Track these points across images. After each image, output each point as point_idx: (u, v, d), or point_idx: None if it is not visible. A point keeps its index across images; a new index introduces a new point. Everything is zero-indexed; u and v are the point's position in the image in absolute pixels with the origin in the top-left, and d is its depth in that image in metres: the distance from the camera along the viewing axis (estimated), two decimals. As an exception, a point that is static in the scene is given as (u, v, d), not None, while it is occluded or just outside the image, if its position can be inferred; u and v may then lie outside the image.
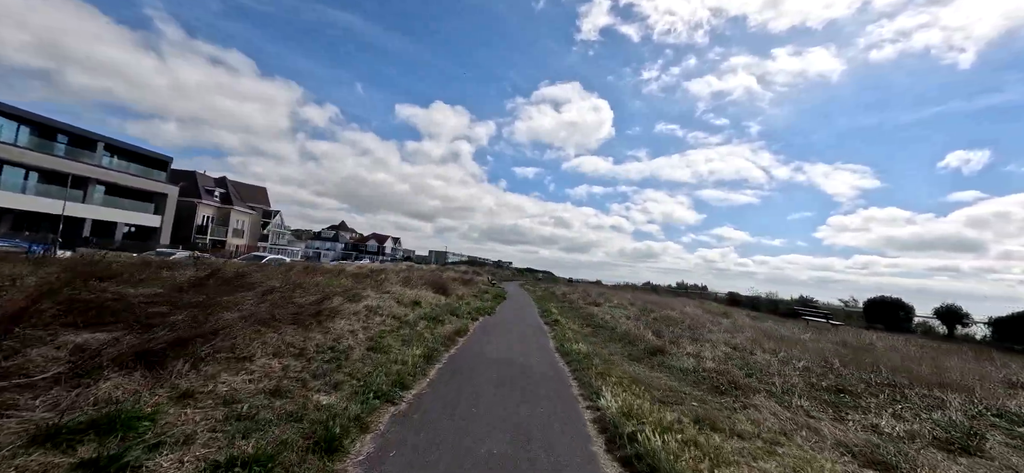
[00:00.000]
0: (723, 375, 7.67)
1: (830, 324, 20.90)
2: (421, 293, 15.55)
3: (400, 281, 17.51)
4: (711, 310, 23.78)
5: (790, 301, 32.34)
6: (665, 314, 19.31)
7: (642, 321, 16.47)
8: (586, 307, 21.36)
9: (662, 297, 34.70)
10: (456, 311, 13.99)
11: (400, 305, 11.90)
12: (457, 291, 20.80)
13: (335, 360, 6.15)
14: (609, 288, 45.35)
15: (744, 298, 38.08)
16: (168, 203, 43.21)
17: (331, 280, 12.81)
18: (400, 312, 11.11)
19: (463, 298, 19.61)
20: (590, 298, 25.87)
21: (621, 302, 23.79)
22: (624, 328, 13.64)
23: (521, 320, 15.57)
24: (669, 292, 46.46)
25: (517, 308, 20.11)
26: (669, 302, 27.36)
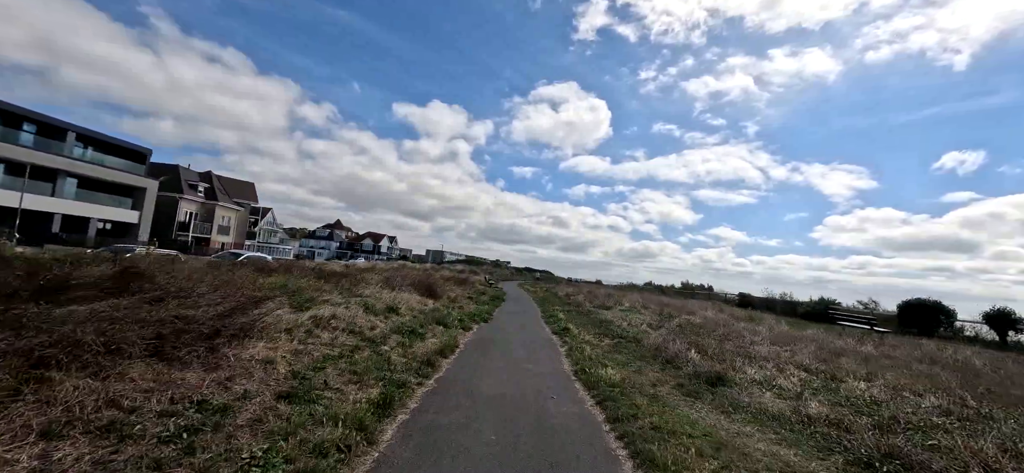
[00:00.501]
0: (843, 428, 4.87)
1: (875, 331, 18.10)
2: (402, 296, 12.67)
3: (380, 281, 14.64)
4: (735, 314, 20.98)
5: (809, 303, 29.55)
6: (686, 319, 16.53)
7: (666, 329, 13.68)
8: (595, 311, 18.53)
9: (672, 298, 31.90)
10: (444, 319, 11.11)
11: (368, 314, 9.00)
12: (449, 293, 17.92)
13: (191, 431, 3.28)
14: (612, 289, 42.57)
15: (756, 299, 35.31)
16: (147, 198, 40.14)
17: (279, 280, 9.91)
18: (366, 324, 8.22)
19: (455, 301, 16.74)
20: (597, 300, 23.04)
21: (633, 305, 20.97)
22: (653, 341, 10.80)
23: (523, 328, 12.71)
24: (675, 293, 43.70)
25: (518, 313, 17.26)
26: (683, 304, 24.55)
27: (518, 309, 18.47)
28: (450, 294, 17.79)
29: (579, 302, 22.34)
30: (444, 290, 17.43)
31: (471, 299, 19.18)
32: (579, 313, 18.18)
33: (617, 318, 16.04)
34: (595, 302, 21.69)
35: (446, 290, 18.05)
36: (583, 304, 21.17)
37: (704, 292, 46.21)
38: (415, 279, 16.30)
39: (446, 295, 16.51)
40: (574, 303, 22.21)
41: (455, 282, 24.48)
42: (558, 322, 14.26)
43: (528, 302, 22.92)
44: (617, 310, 19.00)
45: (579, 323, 14.68)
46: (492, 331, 11.55)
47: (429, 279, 17.92)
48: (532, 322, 14.48)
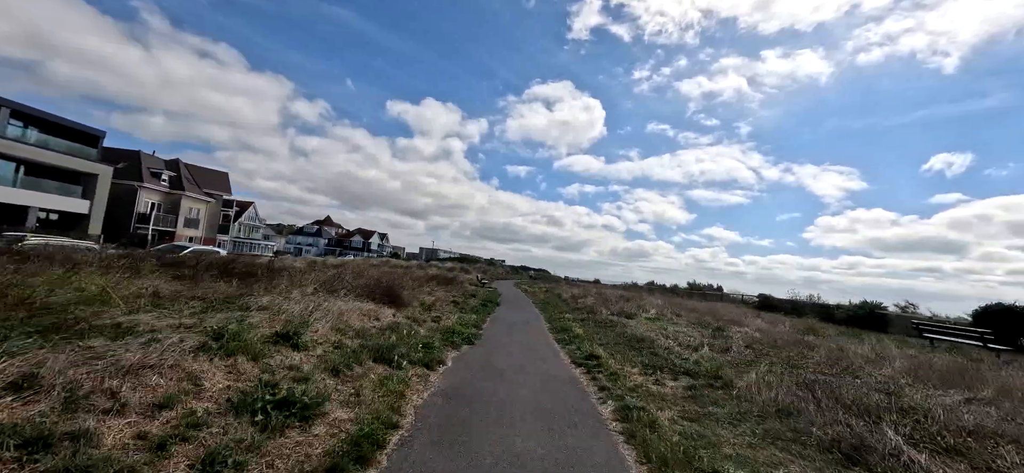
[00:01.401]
0: None
1: (988, 348, 13.48)
2: (338, 307, 7.88)
3: (318, 284, 9.87)
4: (796, 327, 16.37)
5: (850, 308, 24.96)
6: (744, 334, 11.96)
7: (736, 352, 9.06)
8: (617, 320, 13.83)
9: (686, 300, 27.33)
10: (393, 349, 6.28)
11: (207, 359, 4.22)
12: (424, 298, 13.15)
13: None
14: (620, 290, 37.97)
15: (780, 301, 30.84)
16: (98, 185, 34.96)
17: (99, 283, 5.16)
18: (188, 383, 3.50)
19: (432, 309, 11.98)
20: (611, 304, 18.39)
21: (660, 311, 16.34)
22: (754, 387, 6.13)
23: (529, 354, 7.96)
24: (684, 293, 39.13)
25: (517, 324, 12.53)
26: (711, 308, 19.98)
27: (517, 319, 13.75)
28: (426, 299, 13.03)
29: (591, 307, 17.64)
30: (416, 294, 12.62)
31: (456, 304, 14.43)
32: (597, 324, 13.47)
33: (651, 332, 11.38)
34: (612, 307, 17.01)
35: (419, 294, 13.27)
36: (597, 310, 16.48)
37: (714, 292, 41.70)
38: (371, 281, 11.45)
39: (418, 301, 11.72)
40: (585, 308, 17.51)
41: (438, 282, 19.69)
42: (576, 341, 9.57)
43: (528, 307, 18.20)
44: (643, 319, 14.37)
45: (606, 342, 9.99)
46: (478, 364, 6.83)
47: (393, 279, 13.09)
48: (539, 341, 9.76)
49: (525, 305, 18.72)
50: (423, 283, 18.60)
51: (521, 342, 9.35)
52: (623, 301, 19.59)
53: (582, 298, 21.72)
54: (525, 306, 18.27)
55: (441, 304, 13.42)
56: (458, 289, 19.84)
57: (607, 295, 21.96)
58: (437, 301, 13.47)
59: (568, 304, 19.80)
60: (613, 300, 20.11)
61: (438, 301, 13.80)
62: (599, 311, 15.88)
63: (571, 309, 17.59)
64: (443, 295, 15.40)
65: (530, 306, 18.50)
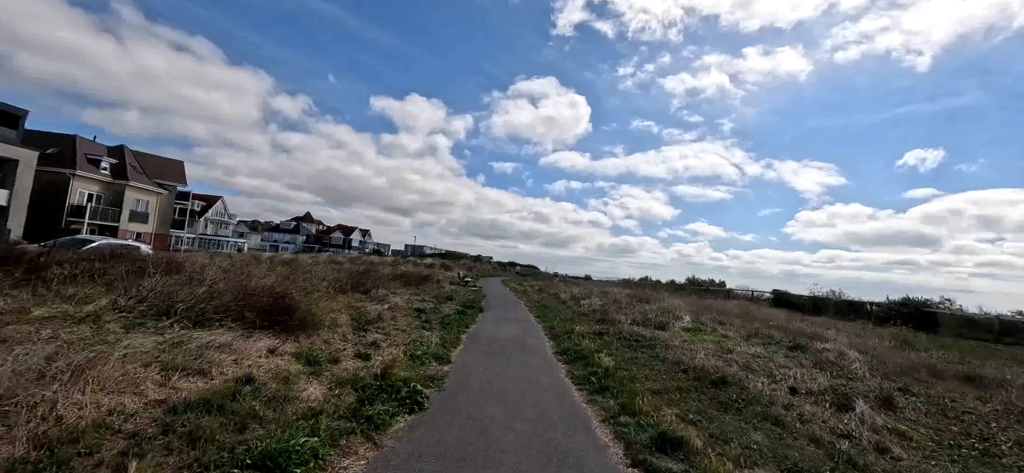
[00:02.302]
0: None
1: None
2: (145, 345, 3.38)
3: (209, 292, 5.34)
4: (880, 335, 12.32)
5: (887, 305, 21.25)
6: (827, 348, 7.87)
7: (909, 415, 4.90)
8: (648, 336, 9.51)
9: (708, 299, 23.27)
10: None
11: None
12: (369, 307, 8.65)
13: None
14: (616, 286, 33.89)
15: (799, 298, 27.06)
16: (20, 173, 29.48)
17: None
18: None
19: (375, 325, 7.48)
20: (625, 308, 14.15)
21: (696, 319, 12.11)
22: None
23: (538, 433, 3.64)
24: (686, 290, 35.16)
25: (509, 348, 8.02)
26: (748, 312, 15.93)
27: (507, 335, 9.34)
28: (370, 310, 8.54)
29: (602, 312, 13.31)
30: (333, 313, 7.95)
31: (420, 314, 9.95)
32: (624, 343, 9.09)
33: (714, 358, 7.15)
34: (628, 313, 12.71)
35: (357, 305, 8.74)
36: (611, 316, 12.15)
37: (718, 288, 37.83)
38: (252, 291, 6.68)
39: (331, 323, 7.10)
40: (594, 315, 13.18)
41: (407, 282, 15.21)
42: (609, 384, 5.22)
43: (521, 313, 13.82)
44: (680, 331, 10.16)
45: (664, 386, 5.67)
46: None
47: (290, 282, 8.31)
48: (547, 389, 5.36)
49: (516, 311, 14.35)
50: (387, 282, 14.10)
51: (517, 392, 4.98)
52: (639, 304, 15.35)
53: (585, 299, 17.42)
54: (516, 312, 13.90)
55: (397, 317, 8.94)
56: (431, 290, 15.35)
57: (616, 296, 17.67)
58: (388, 312, 8.98)
59: (570, 308, 15.46)
60: (625, 302, 15.86)
61: (394, 311, 9.32)
62: (615, 319, 11.55)
63: (576, 316, 13.26)
64: (405, 301, 10.92)
65: (523, 312, 14.13)
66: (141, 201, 36.77)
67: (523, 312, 13.98)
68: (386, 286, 12.62)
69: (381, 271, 18.09)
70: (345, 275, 13.50)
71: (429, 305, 11.48)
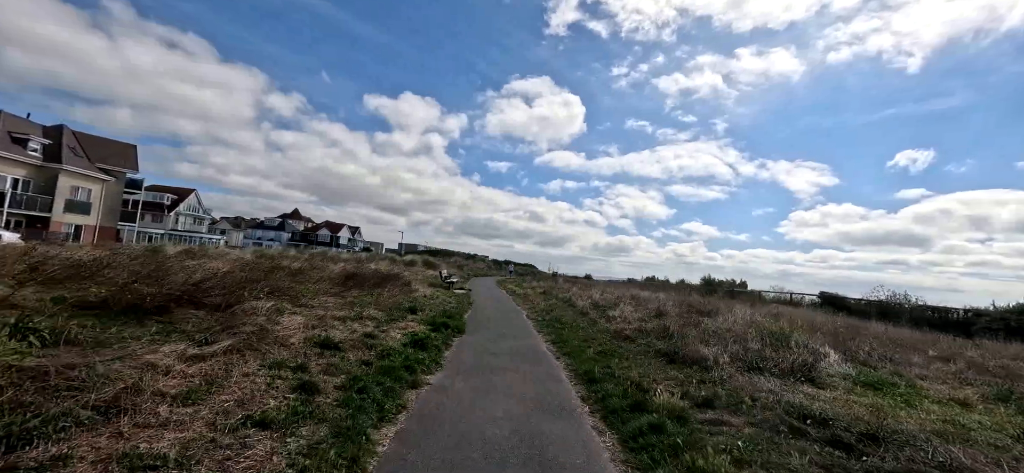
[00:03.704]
0: None
1: None
2: None
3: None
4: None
5: (1006, 312, 15.93)
6: None
7: None
8: (817, 409, 4.23)
9: (757, 306, 17.99)
10: None
11: None
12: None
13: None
14: (635, 287, 28.52)
15: (857, 304, 21.87)
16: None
17: None
18: None
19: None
20: (671, 317, 8.84)
21: (851, 357, 6.78)
22: None
23: None
24: (706, 293, 29.85)
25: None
26: (857, 330, 10.68)
27: (509, 426, 4.00)
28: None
29: (669, 337, 7.93)
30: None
31: (318, 354, 4.65)
32: (790, 431, 3.76)
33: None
34: (720, 343, 7.37)
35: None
36: (697, 352, 6.79)
37: (739, 289, 32.52)
38: None
39: None
40: (653, 344, 7.79)
41: (348, 285, 9.82)
42: None
43: (528, 340, 8.37)
44: (838, 379, 4.95)
45: None
46: None
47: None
48: None
49: (518, 333, 8.94)
50: (313, 285, 8.70)
51: None
52: (696, 316, 10.00)
53: (611, 308, 12.07)
54: (518, 336, 8.49)
55: (248, 366, 3.55)
56: (390, 298, 9.93)
57: (661, 306, 12.20)
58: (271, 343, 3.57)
59: (598, 326, 10.06)
60: (674, 313, 10.50)
61: (275, 343, 3.95)
62: (702, 356, 6.18)
63: (615, 340, 7.89)
64: (300, 327, 5.49)
65: (529, 334, 8.73)
66: (81, 189, 30.96)
67: (529, 335, 8.60)
68: (312, 289, 7.22)
69: (330, 269, 12.65)
70: (261, 273, 8.23)
71: (355, 334, 6.05)
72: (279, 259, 13.19)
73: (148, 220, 51.38)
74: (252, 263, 10.23)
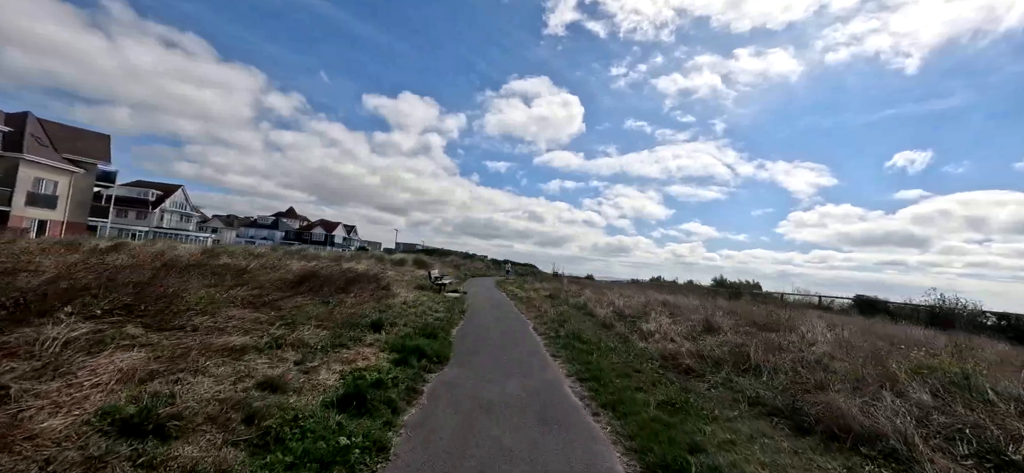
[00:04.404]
0: None
1: None
2: None
3: None
4: None
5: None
6: None
7: None
8: None
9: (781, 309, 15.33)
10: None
11: None
12: None
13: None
14: (649, 288, 25.86)
15: (900, 308, 19.28)
16: None
17: None
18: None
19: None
20: (759, 349, 6.26)
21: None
22: None
23: None
24: (732, 296, 27.21)
25: None
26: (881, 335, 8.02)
27: None
28: None
29: (778, 371, 5.30)
30: None
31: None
32: None
33: None
34: (832, 376, 4.78)
35: None
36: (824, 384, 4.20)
37: (754, 291, 29.80)
38: None
39: None
40: (743, 389, 5.17)
41: (286, 293, 7.10)
42: None
43: (543, 373, 5.80)
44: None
45: None
46: None
47: None
48: None
49: (524, 355, 6.31)
50: (235, 290, 6.03)
51: None
52: (763, 333, 7.38)
53: (642, 318, 9.41)
54: (527, 365, 5.87)
55: None
56: (351, 307, 7.27)
57: (712, 320, 9.47)
58: None
59: (631, 344, 7.34)
60: (725, 324, 7.88)
61: None
62: (844, 414, 3.57)
63: (670, 374, 5.27)
64: (113, 380, 2.82)
65: (543, 363, 6.08)
66: (46, 181, 28.21)
67: (543, 364, 5.93)
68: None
69: (290, 268, 9.97)
70: (151, 273, 5.57)
71: (237, 386, 3.38)
72: (219, 255, 10.49)
73: (131, 217, 48.54)
74: (155, 260, 7.56)
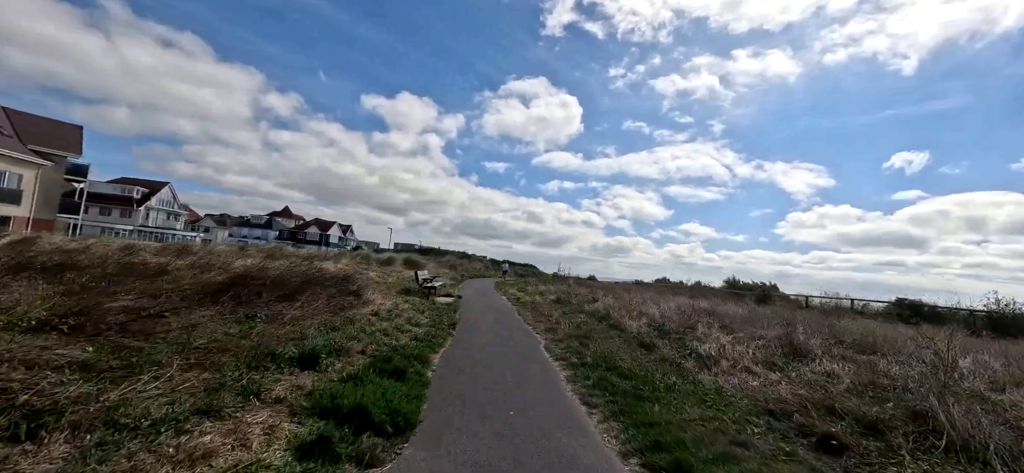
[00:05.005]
0: None
1: None
2: None
3: None
4: None
5: None
6: None
7: None
8: None
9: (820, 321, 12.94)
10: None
11: None
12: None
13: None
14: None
15: (951, 313, 16.92)
16: None
17: None
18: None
19: None
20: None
21: None
22: None
23: None
24: (760, 300, 24.84)
25: None
26: None
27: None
28: None
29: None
30: None
31: None
32: None
33: None
34: None
35: None
36: None
37: (771, 291, 27.37)
38: None
39: None
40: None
41: (204, 295, 4.61)
42: None
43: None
44: None
45: None
46: None
47: None
48: None
49: (547, 413, 4.02)
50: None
51: None
52: (861, 355, 5.07)
53: (690, 335, 7.06)
54: (554, 439, 3.55)
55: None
56: (285, 324, 4.87)
57: (784, 323, 7.04)
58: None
59: (698, 383, 4.99)
60: (817, 347, 5.55)
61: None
62: None
63: (807, 456, 2.96)
64: None
65: (581, 430, 3.75)
66: (8, 174, 25.74)
67: (583, 432, 3.60)
68: None
69: (228, 265, 7.61)
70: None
71: None
72: (138, 251, 8.12)
73: (115, 215, 46.02)
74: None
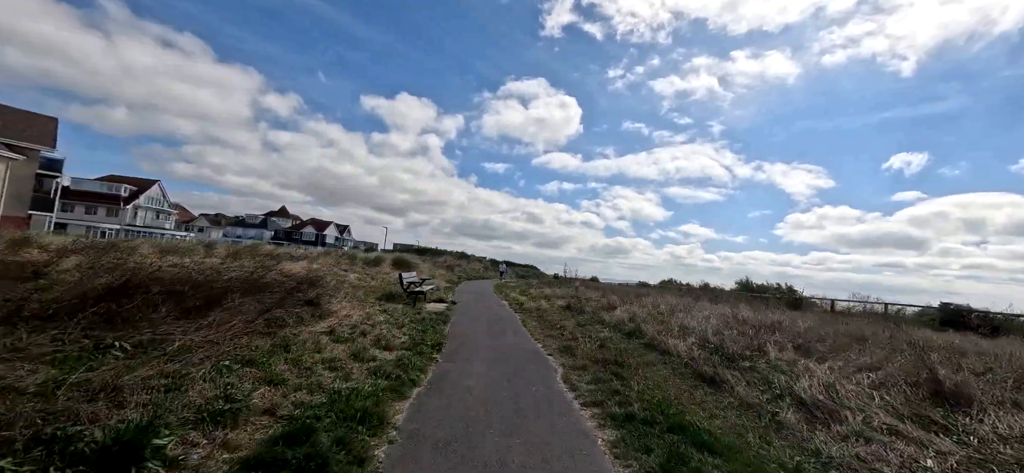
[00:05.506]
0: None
1: None
2: None
3: None
4: None
5: None
6: None
7: None
8: None
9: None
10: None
11: None
12: None
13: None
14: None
15: (1010, 320, 15.03)
16: None
17: None
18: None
19: None
20: None
21: None
22: None
23: None
24: (792, 306, 22.86)
25: None
26: None
27: None
28: None
29: None
30: None
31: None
32: None
33: None
34: None
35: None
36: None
37: (788, 294, 25.33)
38: None
39: None
40: None
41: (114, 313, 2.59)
42: None
43: None
44: None
45: None
46: None
47: None
48: None
49: None
50: None
51: None
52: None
53: (760, 360, 5.20)
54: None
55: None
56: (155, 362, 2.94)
57: (888, 346, 5.14)
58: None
59: (835, 466, 3.14)
60: (971, 388, 3.70)
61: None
62: None
63: None
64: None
65: None
66: (-28, 168, 23.78)
67: None
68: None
69: (129, 264, 5.72)
70: None
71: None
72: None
73: (101, 213, 44.06)
74: None
